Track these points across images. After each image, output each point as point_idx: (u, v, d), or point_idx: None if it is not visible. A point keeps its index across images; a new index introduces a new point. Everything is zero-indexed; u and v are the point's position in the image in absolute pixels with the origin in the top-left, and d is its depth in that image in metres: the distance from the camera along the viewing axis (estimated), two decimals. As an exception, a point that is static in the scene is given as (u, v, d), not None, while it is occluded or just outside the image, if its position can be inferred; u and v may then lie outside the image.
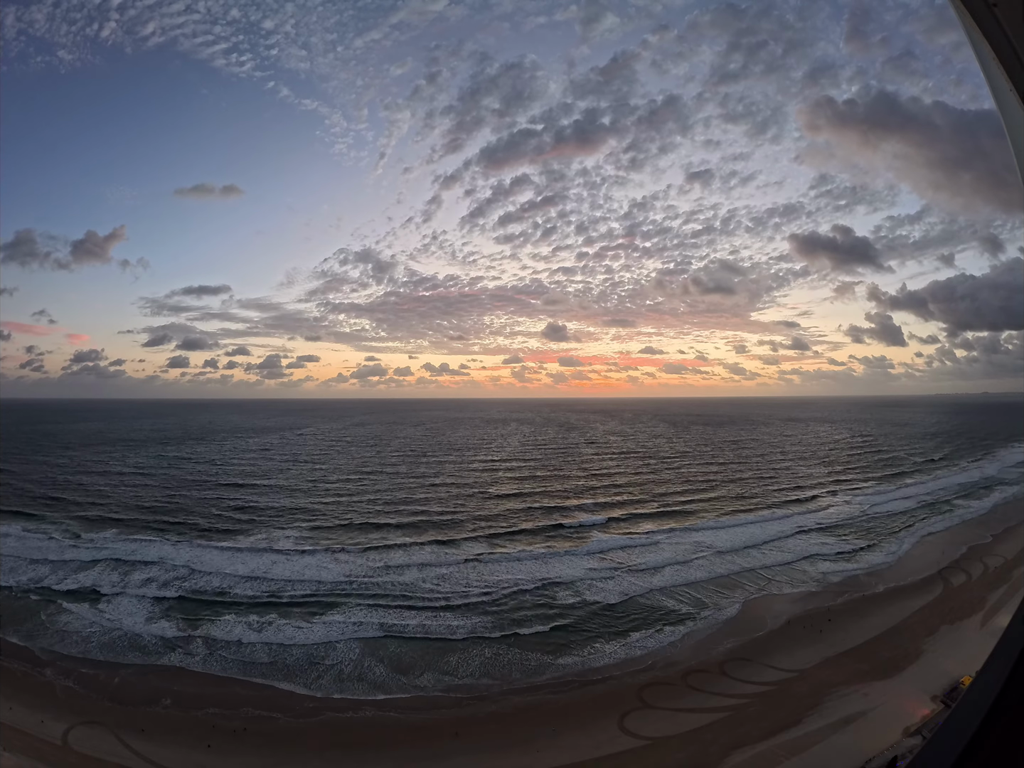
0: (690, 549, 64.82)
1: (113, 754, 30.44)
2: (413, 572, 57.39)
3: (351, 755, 30.89)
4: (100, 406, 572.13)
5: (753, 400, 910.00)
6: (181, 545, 65.35)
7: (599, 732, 32.43)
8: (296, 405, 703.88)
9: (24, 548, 63.54)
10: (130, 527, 72.51)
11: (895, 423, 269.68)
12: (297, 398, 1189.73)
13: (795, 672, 38.13)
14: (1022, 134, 3.62)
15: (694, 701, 35.14)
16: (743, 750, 30.43)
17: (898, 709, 32.99)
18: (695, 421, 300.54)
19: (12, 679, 36.85)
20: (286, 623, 45.88)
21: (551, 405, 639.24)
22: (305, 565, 59.08)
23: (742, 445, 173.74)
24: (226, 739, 31.85)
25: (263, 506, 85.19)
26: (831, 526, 74.76)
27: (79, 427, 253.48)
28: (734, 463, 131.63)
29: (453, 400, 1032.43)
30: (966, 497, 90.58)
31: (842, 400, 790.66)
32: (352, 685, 37.47)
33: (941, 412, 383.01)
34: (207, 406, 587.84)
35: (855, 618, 46.41)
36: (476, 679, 38.13)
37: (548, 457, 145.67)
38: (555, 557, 62.39)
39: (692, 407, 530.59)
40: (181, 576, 55.88)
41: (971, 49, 3.70)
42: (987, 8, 3.23)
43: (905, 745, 29.11)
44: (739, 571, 58.34)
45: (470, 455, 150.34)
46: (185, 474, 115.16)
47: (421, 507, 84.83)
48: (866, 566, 59.48)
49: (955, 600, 48.99)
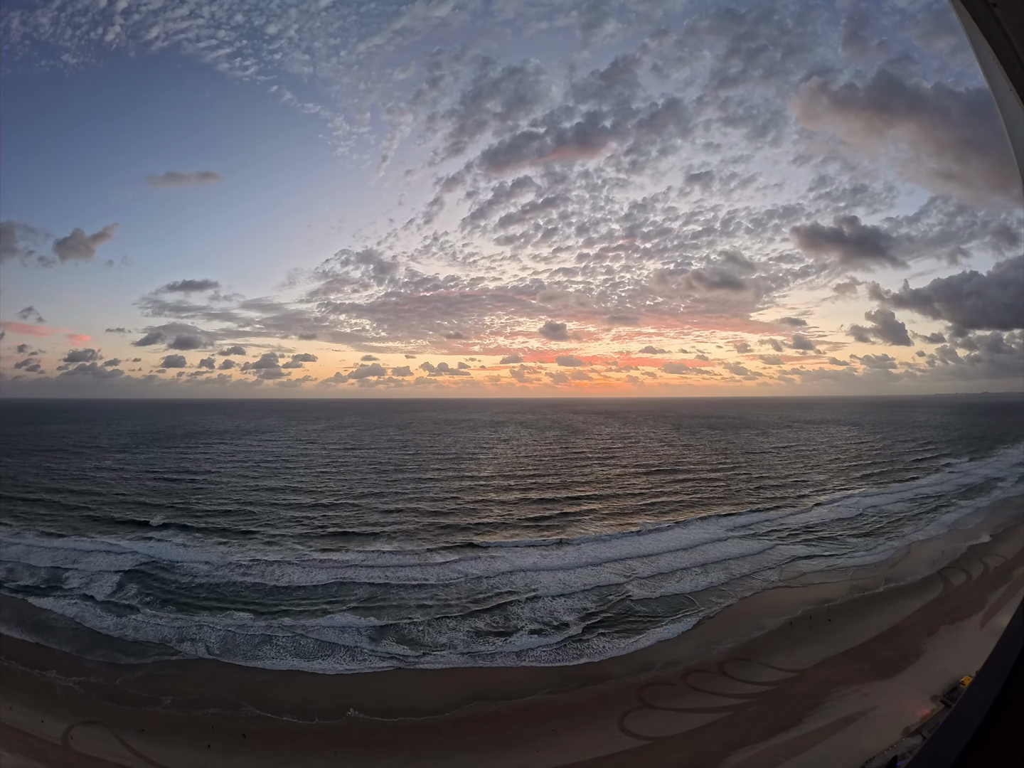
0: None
1: (113, 754, 30.46)
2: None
3: (351, 755, 30.89)
4: (90, 406, 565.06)
5: (755, 400, 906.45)
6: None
7: (599, 732, 32.40)
8: (289, 405, 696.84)
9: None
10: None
11: (917, 424, 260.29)
12: (295, 398, 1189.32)
13: (795, 672, 38.12)
14: (1022, 134, 3.62)
15: (694, 701, 35.13)
16: (743, 750, 30.43)
17: (898, 709, 32.99)
18: (704, 424, 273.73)
19: (12, 679, 36.84)
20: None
21: (551, 405, 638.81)
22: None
23: (781, 449, 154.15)
24: (226, 739, 31.87)
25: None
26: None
27: (43, 429, 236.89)
28: (787, 485, 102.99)
29: (451, 400, 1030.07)
30: (966, 496, 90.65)
31: (845, 400, 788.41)
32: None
33: (954, 412, 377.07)
34: (199, 407, 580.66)
35: (855, 618, 46.40)
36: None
37: (548, 470, 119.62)
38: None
39: (695, 408, 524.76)
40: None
41: (971, 49, 3.70)
42: (987, 8, 3.23)
43: (905, 745, 29.12)
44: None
45: (449, 471, 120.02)
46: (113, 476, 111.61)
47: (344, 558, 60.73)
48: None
49: (955, 600, 48.98)
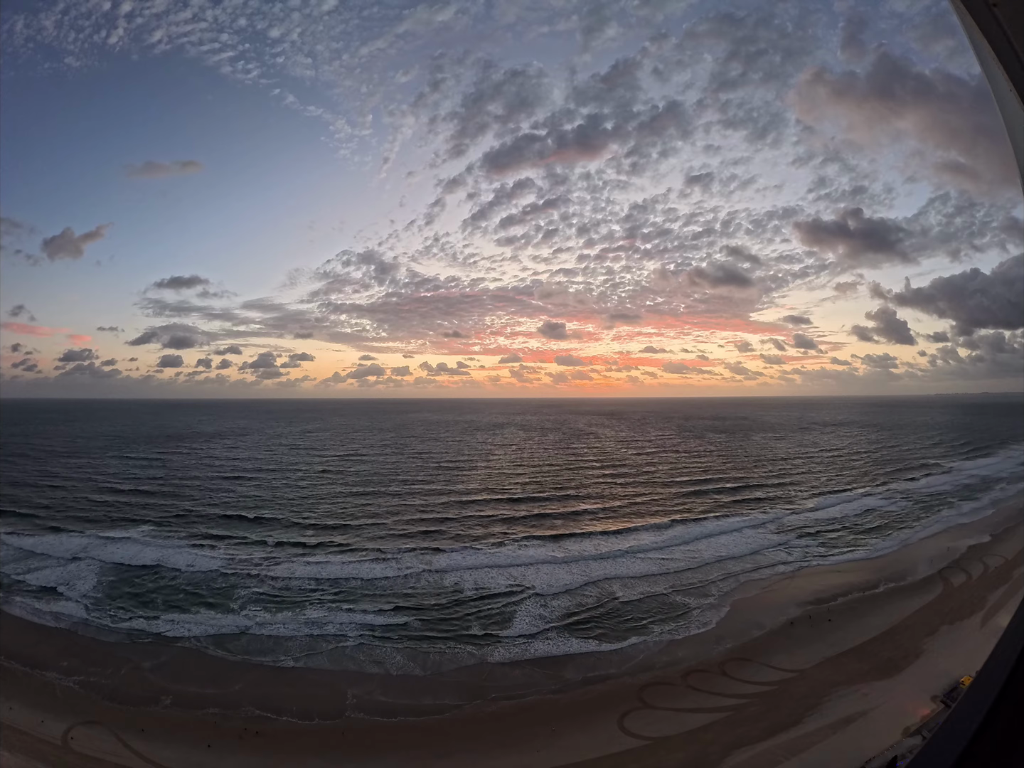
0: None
1: (113, 754, 30.42)
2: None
3: (351, 755, 30.86)
4: (84, 406, 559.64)
5: (757, 400, 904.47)
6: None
7: (599, 732, 32.37)
8: (282, 405, 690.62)
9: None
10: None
11: (919, 424, 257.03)
12: (293, 398, 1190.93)
13: (795, 672, 38.10)
14: (1022, 134, 3.62)
15: (694, 701, 35.10)
16: (743, 750, 30.41)
17: (898, 709, 32.96)
18: (712, 428, 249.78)
19: (12, 679, 36.81)
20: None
21: (552, 406, 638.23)
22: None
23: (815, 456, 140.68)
24: (226, 739, 31.84)
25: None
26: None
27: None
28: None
29: (450, 400, 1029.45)
30: (966, 496, 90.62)
31: (846, 400, 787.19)
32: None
33: (954, 412, 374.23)
34: (187, 407, 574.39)
35: (855, 618, 46.38)
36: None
37: (552, 490, 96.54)
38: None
39: (698, 408, 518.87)
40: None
41: (971, 49, 3.70)
42: (987, 8, 3.23)
43: (905, 745, 29.08)
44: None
45: (424, 486, 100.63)
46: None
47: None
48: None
49: (955, 600, 48.94)
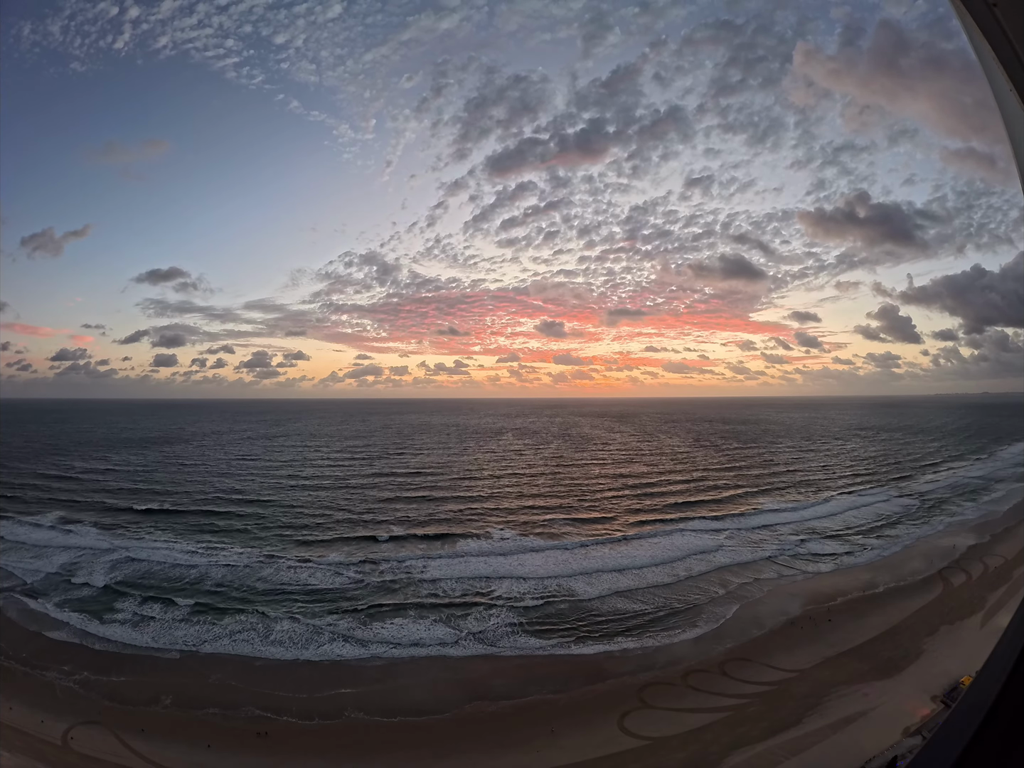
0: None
1: (113, 754, 30.46)
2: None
3: (351, 755, 30.88)
4: (75, 407, 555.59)
5: (759, 400, 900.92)
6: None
7: (599, 732, 32.41)
8: (274, 405, 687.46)
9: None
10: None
11: (921, 424, 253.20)
12: (291, 398, 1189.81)
13: (795, 672, 38.12)
14: (1022, 134, 3.62)
15: (694, 701, 35.13)
16: (743, 750, 30.43)
17: (898, 709, 32.99)
18: (725, 433, 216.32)
19: (12, 679, 36.85)
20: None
21: (552, 406, 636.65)
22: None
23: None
24: (226, 739, 31.87)
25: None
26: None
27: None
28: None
29: (449, 400, 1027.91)
30: (966, 496, 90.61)
31: (848, 400, 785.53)
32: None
33: (955, 412, 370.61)
34: (176, 407, 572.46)
35: (855, 618, 46.36)
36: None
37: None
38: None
39: (700, 409, 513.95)
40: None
41: (971, 49, 3.70)
42: (987, 8, 3.23)
43: (905, 745, 29.10)
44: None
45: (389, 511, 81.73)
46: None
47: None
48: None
49: (955, 600, 48.97)
